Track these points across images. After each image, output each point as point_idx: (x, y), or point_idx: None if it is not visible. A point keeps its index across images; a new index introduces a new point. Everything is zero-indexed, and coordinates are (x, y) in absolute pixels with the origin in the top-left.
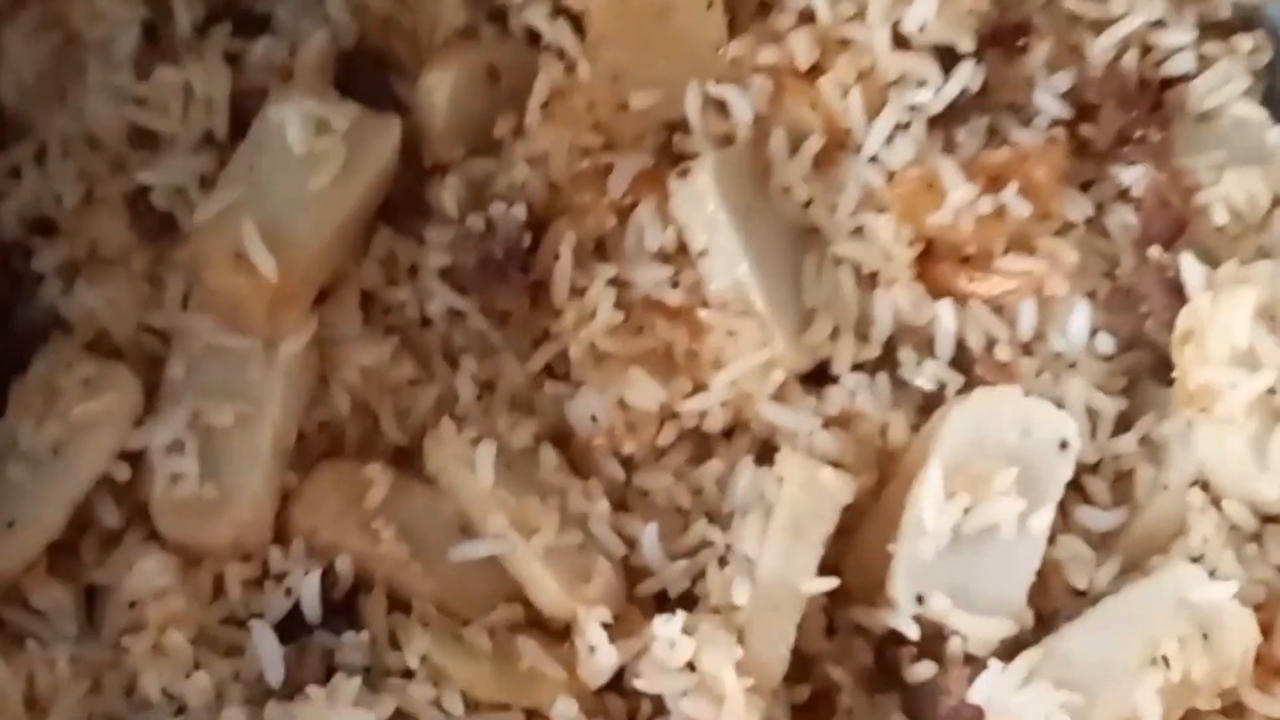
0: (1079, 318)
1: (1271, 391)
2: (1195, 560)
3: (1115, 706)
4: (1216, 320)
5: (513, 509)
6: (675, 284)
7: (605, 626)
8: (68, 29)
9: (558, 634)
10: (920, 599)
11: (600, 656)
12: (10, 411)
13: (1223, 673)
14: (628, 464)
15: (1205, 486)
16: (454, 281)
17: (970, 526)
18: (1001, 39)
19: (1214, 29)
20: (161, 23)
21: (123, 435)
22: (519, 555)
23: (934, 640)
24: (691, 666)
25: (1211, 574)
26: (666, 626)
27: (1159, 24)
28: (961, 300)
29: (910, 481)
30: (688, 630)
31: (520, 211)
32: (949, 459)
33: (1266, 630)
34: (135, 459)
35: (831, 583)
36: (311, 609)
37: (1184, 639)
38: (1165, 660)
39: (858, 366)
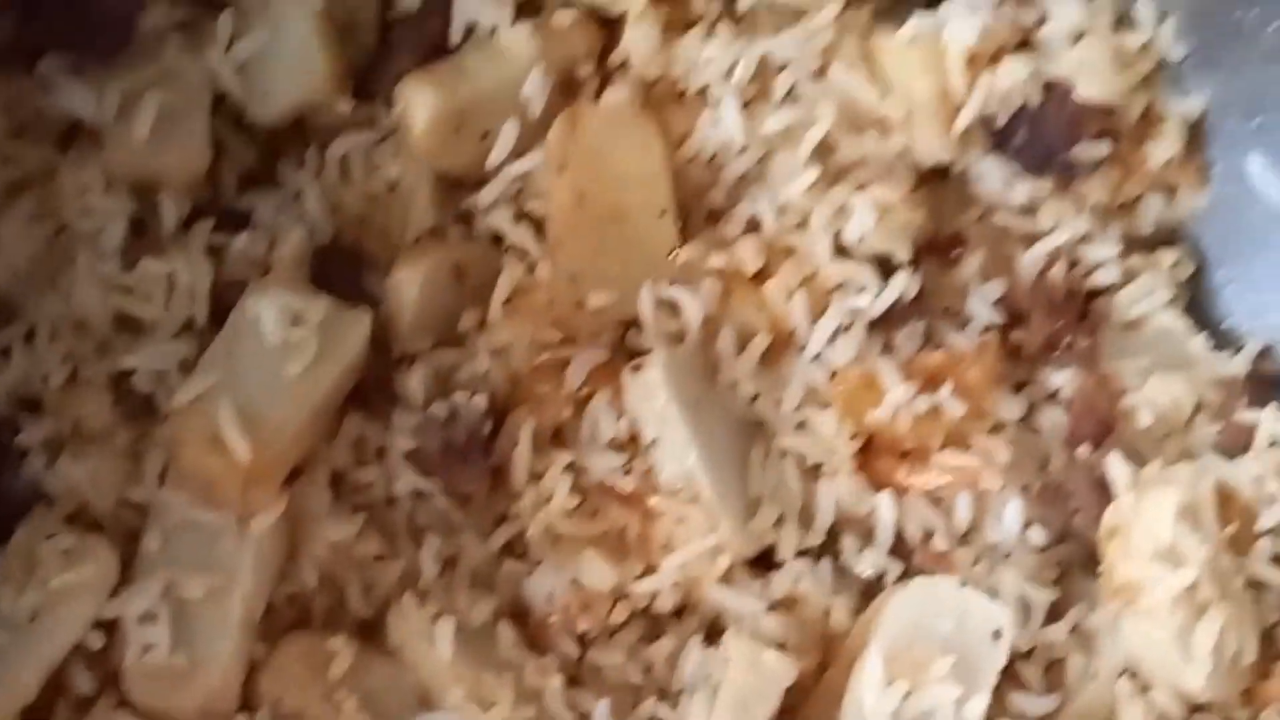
0: (1012, 511)
1: (1193, 587)
2: None
3: None
4: (1140, 518)
5: (470, 683)
6: (628, 471)
7: None
8: (59, 220)
9: None
10: None
11: None
12: None
13: None
14: (582, 640)
15: (1134, 675)
16: (419, 464)
17: (909, 713)
18: (936, 249)
19: (1138, 243)
20: (148, 217)
21: (98, 605)
22: None
23: None
24: None
25: None
26: None
27: (1085, 238)
28: (900, 492)
29: (850, 665)
30: None
31: (482, 401)
32: (888, 645)
33: None
34: (109, 628)
35: None
36: None
37: None
38: None
39: (801, 553)
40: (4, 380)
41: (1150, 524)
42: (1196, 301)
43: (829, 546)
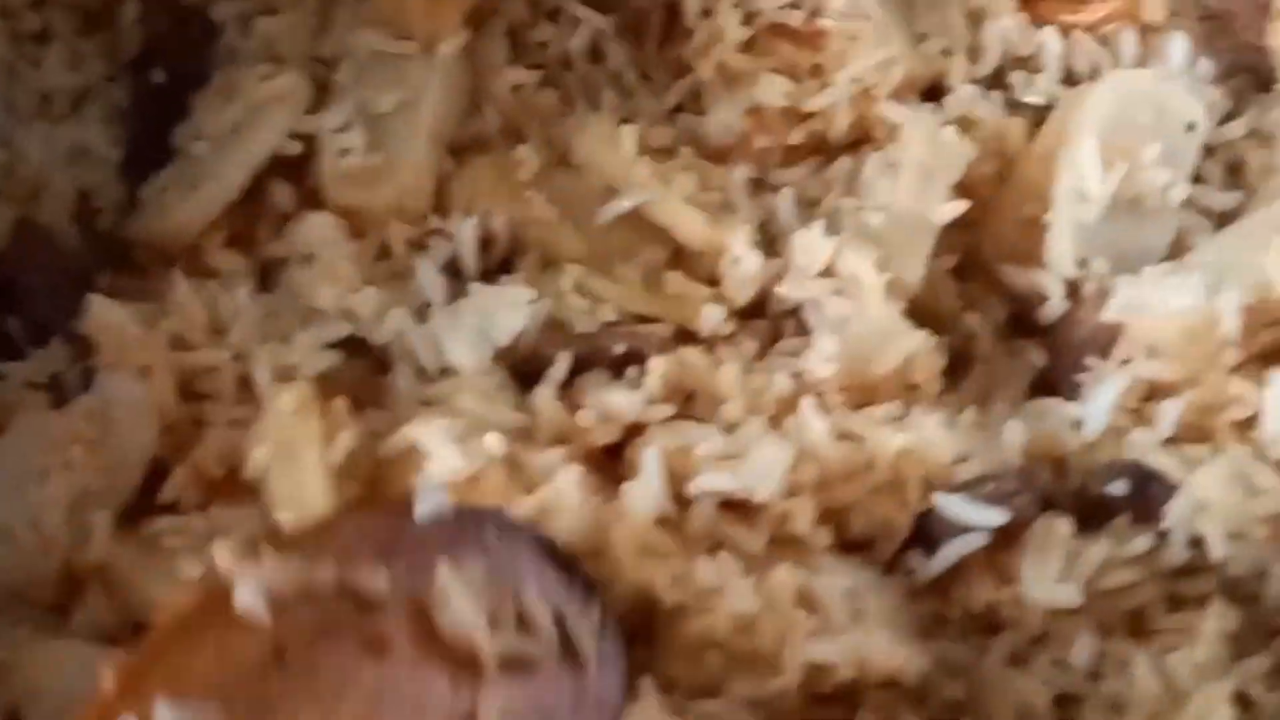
0: (1178, 45)
1: None
2: None
3: (1249, 279)
4: None
5: (654, 169)
6: (797, 6)
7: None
8: None
9: (704, 278)
10: (1083, 263)
11: (745, 266)
12: (195, 113)
13: None
14: (761, 167)
15: None
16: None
17: (1125, 193)
18: None
19: None
20: None
21: (295, 115)
22: (664, 202)
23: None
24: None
25: None
26: (807, 234)
27: None
28: (1065, 31)
29: (1044, 159)
30: (829, 233)
31: None
32: (1099, 132)
33: None
34: (308, 146)
35: (961, 205)
36: (469, 258)
37: None
38: None
39: (972, 83)
40: None
41: None
42: None
43: (997, 82)
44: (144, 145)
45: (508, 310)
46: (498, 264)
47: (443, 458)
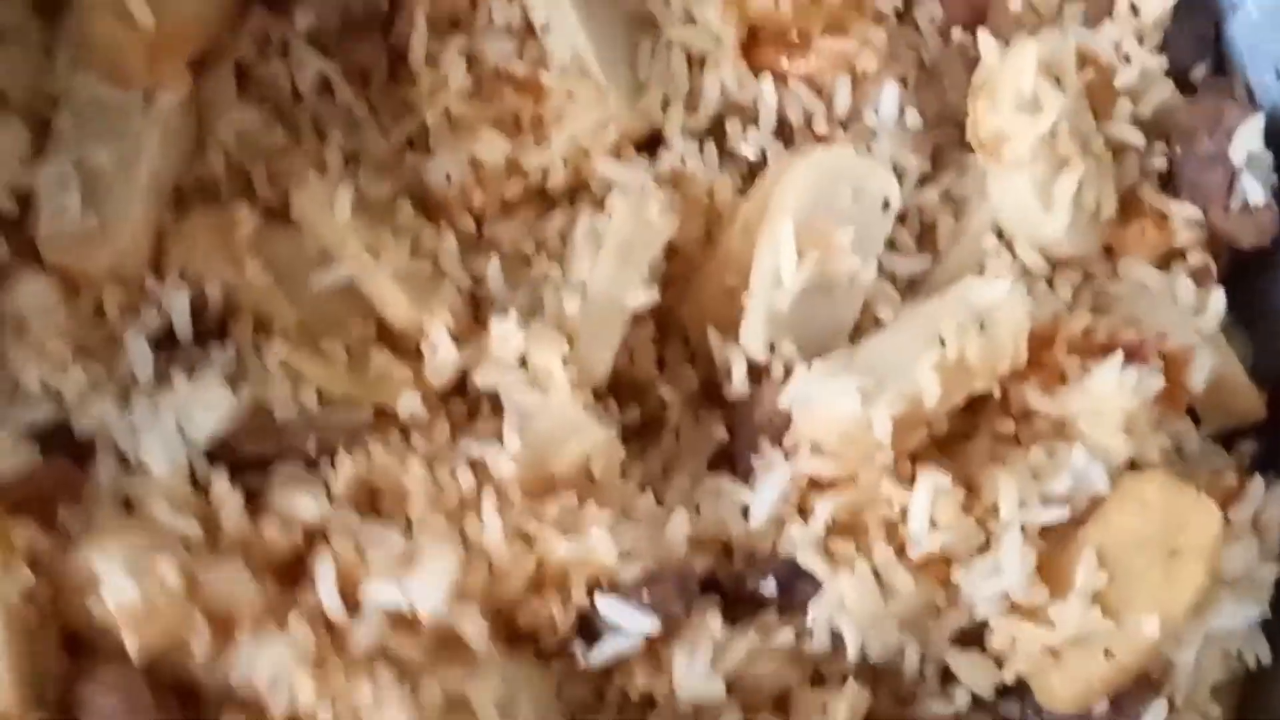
0: (889, 94)
1: (1054, 140)
2: None
3: (900, 387)
4: (1005, 73)
5: (367, 238)
6: (521, 56)
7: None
8: None
9: (408, 353)
10: (771, 346)
11: (442, 354)
12: None
13: (996, 354)
14: (479, 220)
15: (1000, 234)
16: (318, 43)
17: (814, 281)
18: None
19: None
20: None
21: (10, 172)
22: (371, 276)
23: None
24: (524, 363)
25: None
26: (501, 325)
27: None
28: (782, 79)
29: (747, 230)
30: (521, 327)
31: None
32: (796, 217)
33: (1049, 342)
34: (23, 203)
35: (651, 296)
36: (182, 326)
37: (960, 324)
38: (942, 341)
39: (687, 137)
40: None
41: (1013, 77)
42: None
43: (713, 132)
44: None
45: (205, 411)
46: (213, 327)
47: (119, 589)
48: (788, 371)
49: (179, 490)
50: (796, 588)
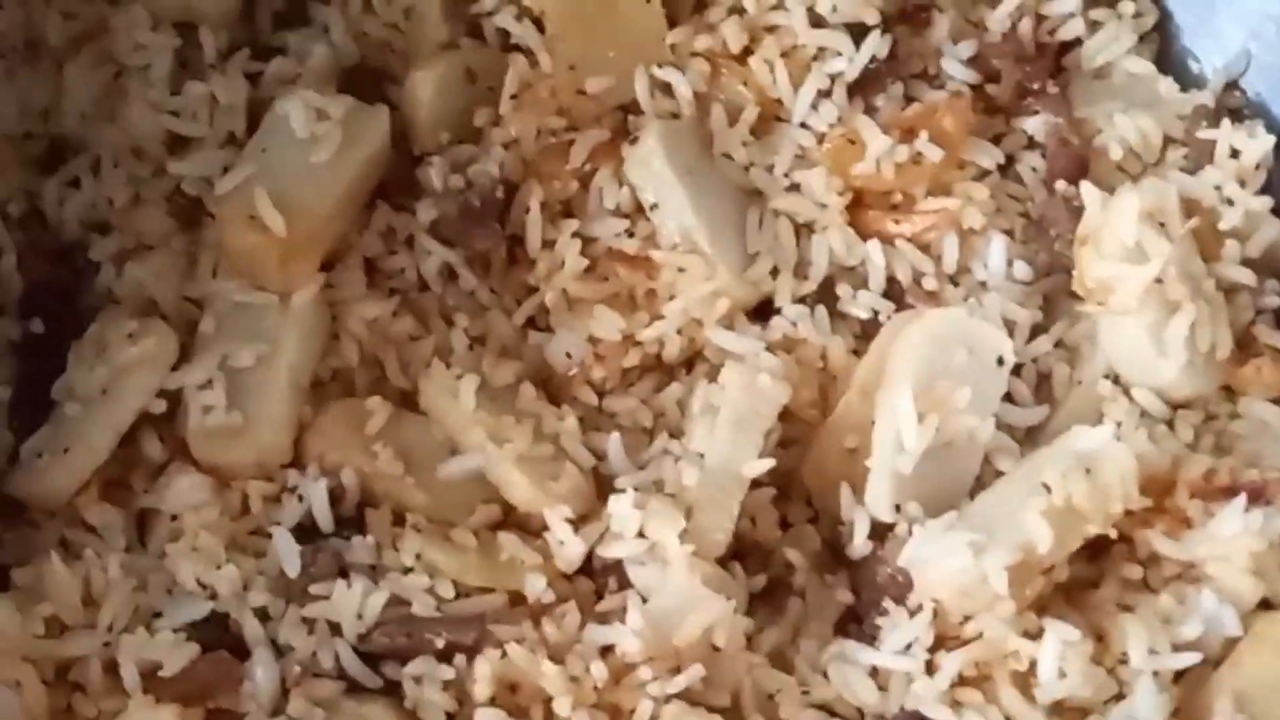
0: (996, 248)
1: (1162, 285)
2: None
3: (1011, 537)
4: (1108, 223)
5: (490, 427)
6: (631, 234)
7: (571, 521)
8: (116, 64)
9: (535, 532)
10: (897, 506)
11: (568, 547)
12: (70, 366)
13: (1105, 497)
14: (599, 393)
15: (1116, 379)
16: (440, 235)
17: (934, 443)
18: (906, 14)
19: None
20: (191, 53)
21: (161, 376)
22: (495, 463)
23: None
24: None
25: None
26: (619, 502)
27: None
28: (889, 241)
29: (864, 392)
30: (638, 505)
31: (495, 169)
32: (914, 380)
33: (1170, 486)
34: (174, 402)
35: (768, 463)
36: (322, 516)
37: (1065, 470)
38: (1048, 489)
39: (798, 301)
40: (74, 206)
41: (1117, 226)
42: (1167, 51)
43: (824, 296)
44: (27, 392)
45: (351, 616)
46: (352, 514)
47: None
48: (913, 529)
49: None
50: None
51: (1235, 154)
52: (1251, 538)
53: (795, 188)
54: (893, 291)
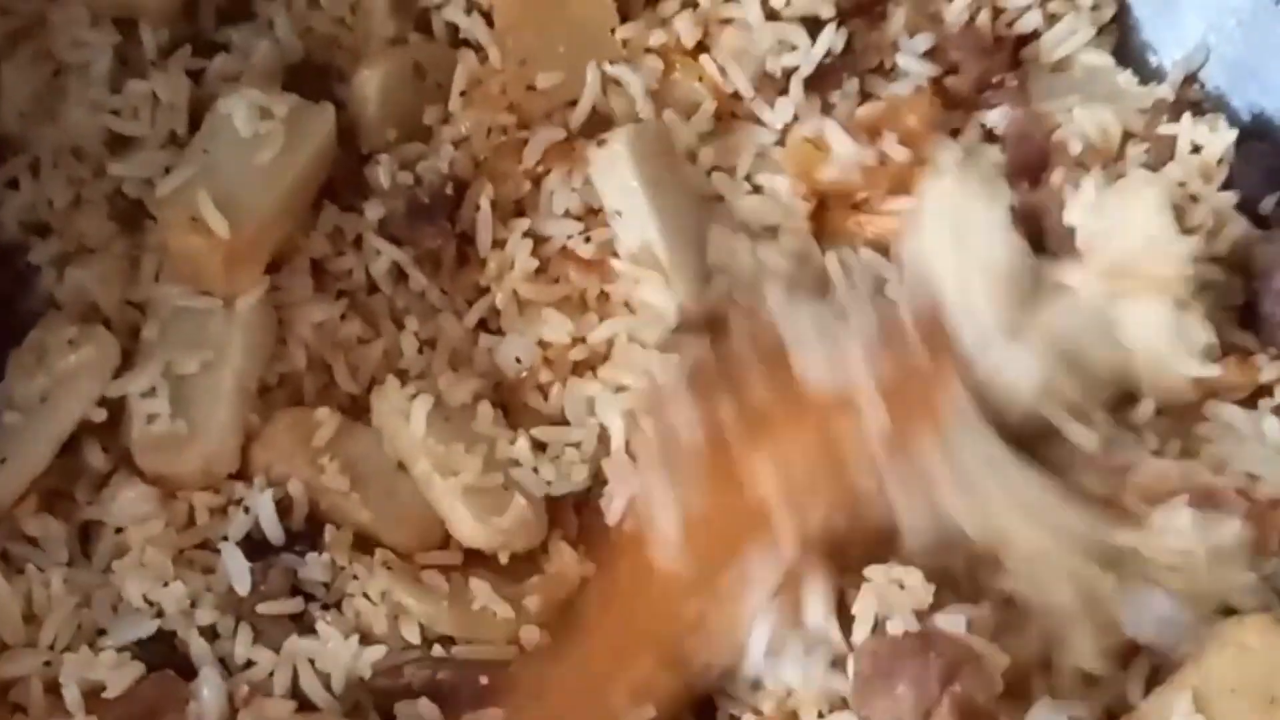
0: None
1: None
2: None
3: None
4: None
5: (438, 457)
6: (587, 239)
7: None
8: (56, 62)
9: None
10: None
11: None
12: (8, 374)
13: None
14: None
15: None
16: (388, 233)
17: None
18: (863, 8)
19: None
20: (132, 50)
21: (102, 383)
22: (440, 495)
23: None
24: None
25: None
26: None
27: None
28: (851, 244)
29: None
30: None
31: (444, 166)
32: None
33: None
34: (116, 410)
35: None
36: (271, 528)
37: None
38: None
39: None
40: (13, 208)
41: (1139, 217)
42: (1125, 43)
43: None
44: None
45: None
46: (302, 530)
47: None
48: None
49: None
50: None
51: (1196, 149)
52: (1186, 539)
53: (758, 190)
54: None
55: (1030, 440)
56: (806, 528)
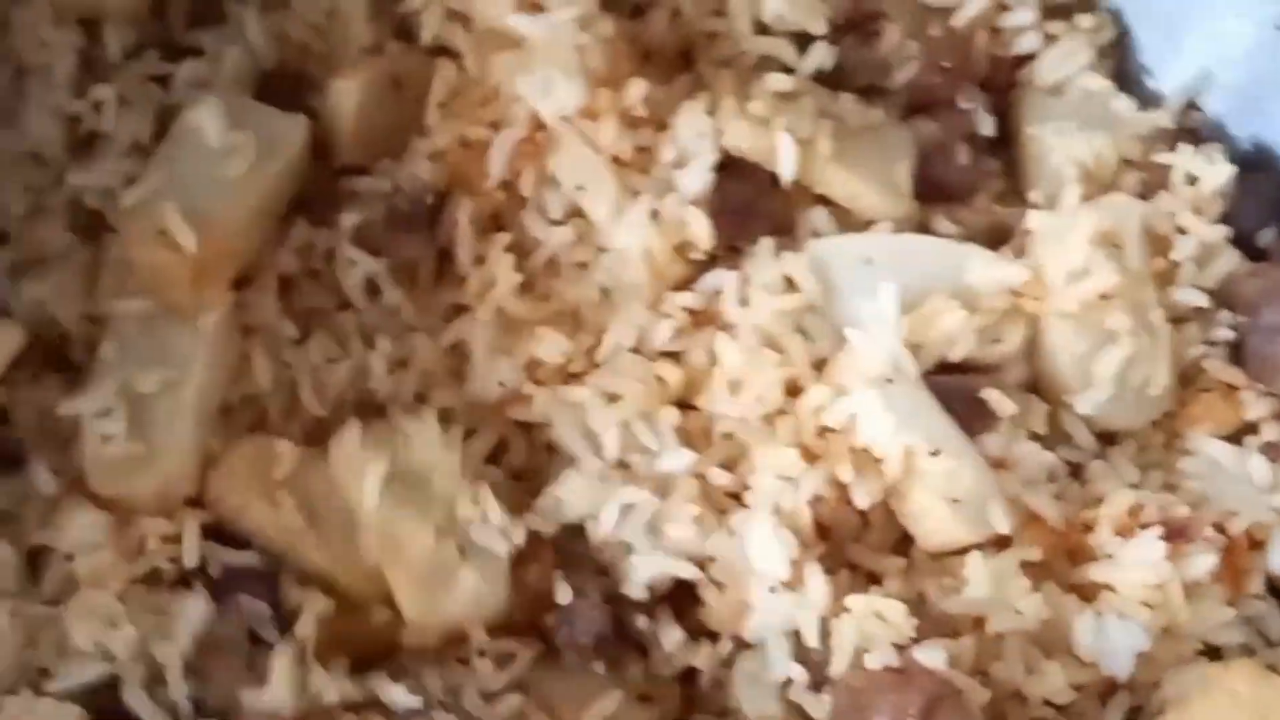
0: None
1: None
2: None
3: None
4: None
5: (387, 527)
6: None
7: None
8: (17, 63)
9: None
10: None
11: None
12: None
13: None
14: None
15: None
16: (365, 243)
17: None
18: (855, 24)
19: (1055, 11)
20: (96, 53)
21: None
22: (387, 566)
23: None
24: None
25: None
26: None
27: (1002, 6)
28: None
29: None
30: None
31: (425, 174)
32: None
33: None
34: (70, 430)
35: None
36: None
37: None
38: None
39: None
40: None
41: (1067, 244)
42: (1124, 68)
43: None
44: None
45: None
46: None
47: None
48: None
49: None
50: None
51: (1192, 181)
52: (1158, 571)
53: None
54: None
55: None
56: None
